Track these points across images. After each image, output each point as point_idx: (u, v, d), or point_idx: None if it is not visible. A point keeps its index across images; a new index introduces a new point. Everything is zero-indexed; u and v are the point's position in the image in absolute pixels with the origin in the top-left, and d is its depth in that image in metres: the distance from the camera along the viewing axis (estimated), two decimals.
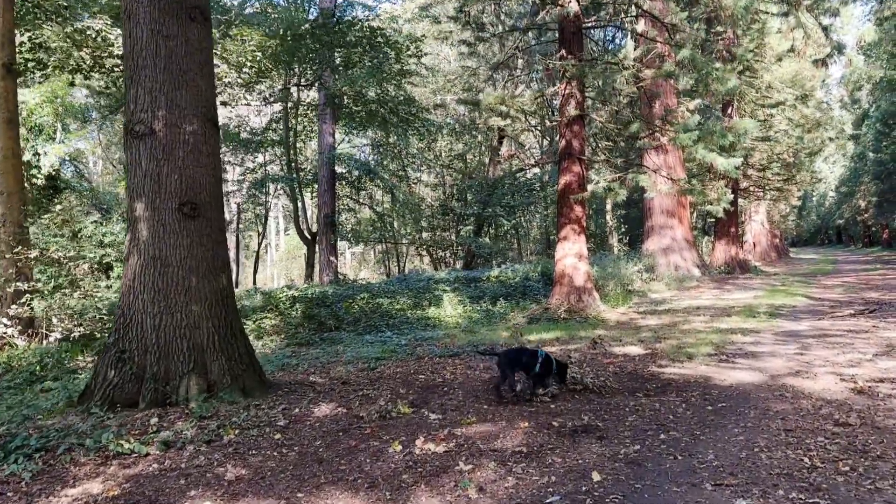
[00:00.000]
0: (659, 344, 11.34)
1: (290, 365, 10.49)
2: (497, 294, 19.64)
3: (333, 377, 8.86)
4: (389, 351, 11.72)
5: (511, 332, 14.15)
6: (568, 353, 10.77)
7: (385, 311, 16.92)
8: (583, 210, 16.98)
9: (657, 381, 8.25)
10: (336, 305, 17.10)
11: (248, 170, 30.43)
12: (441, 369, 9.55)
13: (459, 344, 12.63)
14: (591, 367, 9.36)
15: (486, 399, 7.38)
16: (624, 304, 18.31)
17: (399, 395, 7.55)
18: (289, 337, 14.59)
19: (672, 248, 25.79)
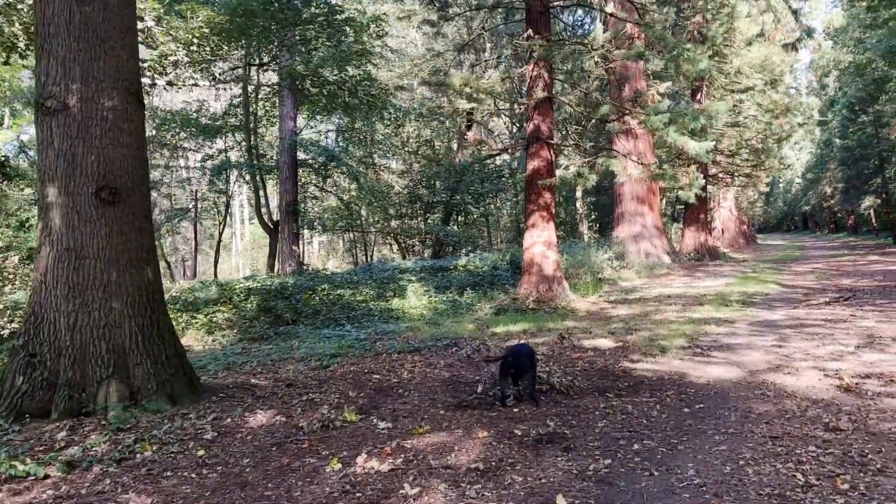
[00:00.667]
0: (630, 336, 10.76)
1: (236, 364, 9.72)
2: (464, 284, 18.97)
3: (279, 378, 8.12)
4: (346, 346, 11.00)
5: (477, 325, 13.50)
6: (535, 347, 10.14)
7: (346, 303, 16.17)
8: (552, 196, 16.35)
9: (629, 379, 7.64)
10: (295, 297, 16.29)
11: (207, 156, 29.35)
12: (399, 367, 8.86)
13: (422, 338, 11.95)
14: (559, 363, 8.73)
15: (445, 403, 6.70)
16: (594, 293, 17.75)
17: (348, 400, 6.84)
18: (242, 331, 13.78)
19: (642, 236, 25.34)
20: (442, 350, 10.31)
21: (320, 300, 16.31)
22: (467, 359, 9.24)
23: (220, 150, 29.82)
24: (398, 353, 10.18)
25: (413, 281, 19.34)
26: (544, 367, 8.18)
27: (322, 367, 9.14)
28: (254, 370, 9.12)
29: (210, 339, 13.28)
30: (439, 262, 22.46)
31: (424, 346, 10.56)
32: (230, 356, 10.51)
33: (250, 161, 26.79)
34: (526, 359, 6.78)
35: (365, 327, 13.73)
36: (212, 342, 13.05)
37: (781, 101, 34.81)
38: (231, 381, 7.89)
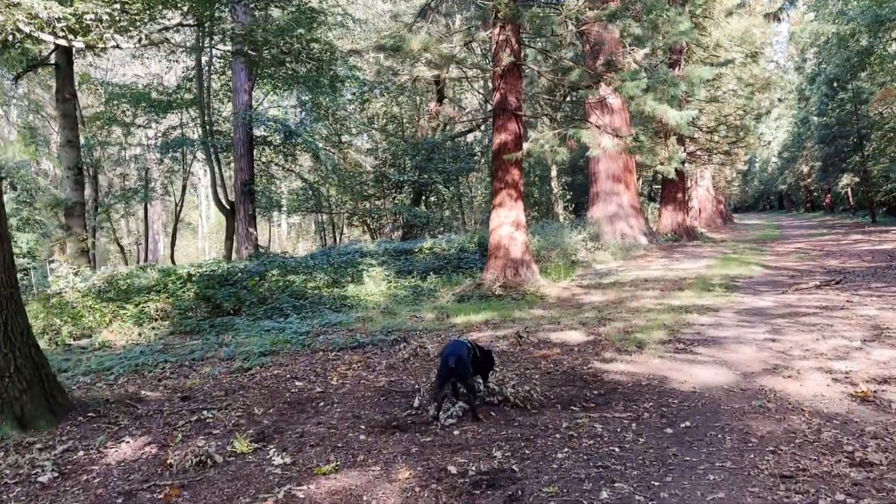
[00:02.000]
0: (603, 328, 9.50)
1: (146, 365, 8.32)
2: (428, 268, 17.64)
3: (178, 388, 6.73)
4: (283, 342, 9.64)
5: (437, 314, 12.18)
6: (495, 340, 8.85)
7: (297, 291, 14.77)
8: (520, 173, 15.03)
9: (600, 386, 6.36)
10: (241, 284, 14.87)
11: (159, 133, 27.62)
12: (331, 370, 7.52)
13: (371, 330, 10.62)
14: (519, 364, 7.44)
15: (370, 422, 5.38)
16: (567, 278, 16.50)
17: (250, 419, 5.49)
18: (175, 323, 12.35)
19: (618, 216, 24.14)
20: (388, 347, 8.99)
21: (269, 287, 14.89)
22: (409, 359, 7.92)
23: (173, 126, 28.10)
24: (338, 351, 8.85)
25: (374, 265, 17.97)
26: (500, 370, 6.88)
27: (242, 370, 7.78)
28: (161, 375, 7.74)
29: (137, 332, 11.84)
30: (403, 244, 21.11)
31: (369, 342, 9.24)
32: (145, 355, 9.10)
33: (204, 137, 25.17)
34: (467, 360, 5.48)
35: (313, 317, 12.36)
36: (138, 336, 11.61)
37: (761, 74, 33.71)
38: (118, 392, 6.48)
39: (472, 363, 5.69)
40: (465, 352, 5.62)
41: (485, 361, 5.94)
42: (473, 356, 5.72)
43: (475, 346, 5.88)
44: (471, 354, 5.66)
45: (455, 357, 5.39)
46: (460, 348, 5.63)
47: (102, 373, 8.08)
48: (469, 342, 5.86)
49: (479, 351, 5.89)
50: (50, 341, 10.88)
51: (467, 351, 5.64)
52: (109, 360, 8.92)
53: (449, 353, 5.55)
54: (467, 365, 5.46)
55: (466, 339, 5.98)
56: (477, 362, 5.76)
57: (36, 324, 11.25)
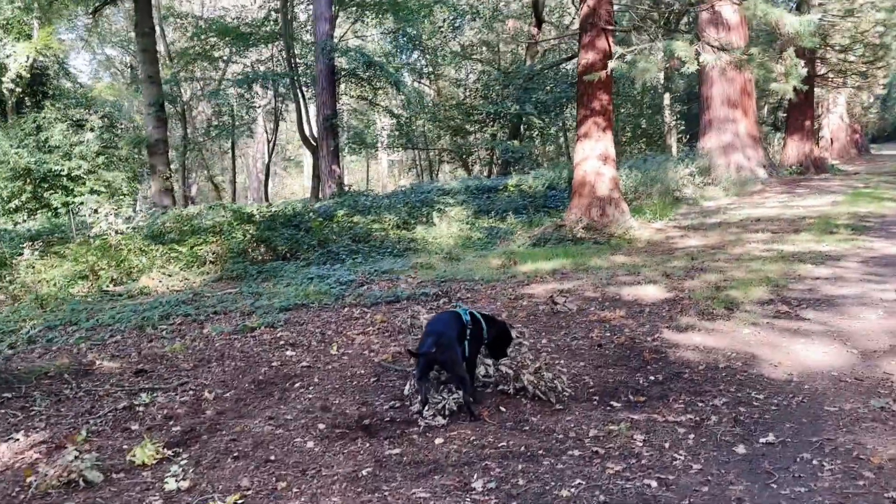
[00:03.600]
0: (690, 281, 7.85)
1: (150, 320, 7.44)
2: (512, 207, 16.14)
3: (148, 356, 5.73)
4: (318, 293, 8.58)
5: (503, 261, 10.80)
6: (557, 295, 7.41)
7: (361, 233, 13.68)
8: (608, 98, 13.17)
9: (660, 368, 4.86)
10: (304, 226, 13.94)
11: (246, 67, 26.97)
12: (342, 333, 6.36)
13: (421, 280, 9.41)
14: (568, 330, 6.01)
15: (338, 416, 4.16)
16: (664, 217, 14.62)
17: (194, 407, 4.40)
18: (224, 268, 11.55)
19: (733, 146, 21.59)
20: (428, 301, 7.75)
21: (333, 230, 13.87)
22: None
23: (260, 59, 27.42)
24: (369, 307, 7.71)
25: (452, 204, 16.65)
26: (541, 338, 5.48)
27: (247, 329, 6.75)
28: (156, 334, 6.81)
29: (183, 276, 11.11)
30: (488, 181, 19.63)
31: (409, 296, 8.01)
32: (164, 306, 8.26)
33: (289, 70, 24.32)
34: (454, 341, 4.11)
35: (365, 264, 11.25)
36: (182, 282, 10.87)
37: None
38: (67, 363, 5.50)
39: (474, 341, 4.33)
40: (455, 327, 4.27)
41: (497, 338, 4.56)
42: (474, 332, 4.36)
43: (482, 318, 4.51)
44: (468, 330, 4.30)
45: (435, 337, 4.06)
46: (445, 324, 4.30)
47: (104, 328, 7.25)
48: (470, 312, 4.49)
49: (488, 323, 4.52)
50: (91, 287, 10.27)
51: (460, 326, 4.29)
52: (126, 311, 8.13)
53: (430, 330, 4.21)
54: (453, 347, 4.11)
55: (466, 308, 4.60)
56: (477, 339, 4.40)
57: (77, 267, 10.70)
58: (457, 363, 4.10)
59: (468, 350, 4.32)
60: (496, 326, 4.59)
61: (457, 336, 4.23)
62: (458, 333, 4.25)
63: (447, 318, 4.63)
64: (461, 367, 4.12)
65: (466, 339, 4.33)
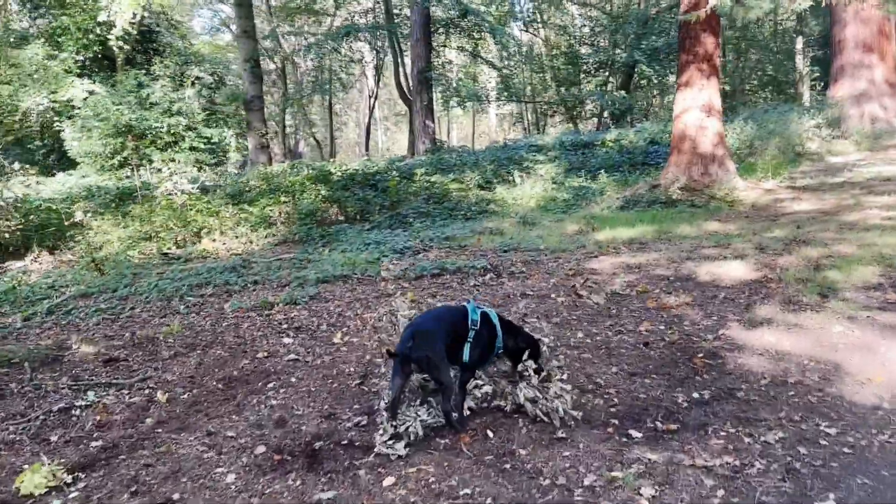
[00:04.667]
0: (786, 257, 6.61)
1: (179, 291, 7.02)
2: (608, 164, 14.91)
3: (138, 338, 5.22)
4: (366, 262, 7.92)
5: (582, 226, 9.80)
6: (616, 273, 6.42)
7: (438, 193, 12.94)
8: (714, 41, 11.69)
9: (709, 382, 3.86)
10: (380, 186, 13.34)
11: (345, 20, 26.48)
12: (356, 318, 5.66)
13: (479, 250, 8.58)
14: (616, 320, 5.05)
15: (287, 436, 3.46)
16: (778, 175, 12.96)
17: (139, 413, 3.80)
18: (289, 231, 11.13)
19: (868, 95, 19.11)
20: (475, 276, 6.92)
21: (410, 189, 13.18)
22: None
23: (358, 12, 26.86)
24: (409, 280, 6.98)
25: (542, 161, 15.58)
26: (565, 335, 4.56)
27: (266, 306, 6.20)
28: (169, 309, 6.35)
29: (246, 239, 10.77)
30: (583, 137, 18.29)
31: (455, 269, 7.20)
32: (202, 275, 7.86)
33: (386, 22, 23.65)
34: (436, 339, 3.34)
35: (432, 228, 10.51)
36: (244, 244, 10.53)
37: None
38: (45, 345, 5.05)
39: (479, 345, 3.52)
40: (447, 324, 3.48)
41: (518, 350, 3.70)
42: (481, 335, 3.57)
43: (499, 322, 3.68)
44: (472, 331, 3.51)
45: (412, 334, 3.27)
46: (432, 319, 3.56)
47: (134, 298, 6.91)
48: (483, 311, 3.67)
49: (506, 330, 3.70)
50: (152, 249, 10.09)
51: (457, 323, 3.52)
52: (168, 278, 7.78)
53: (415, 327, 3.41)
54: (432, 344, 3.32)
55: (477, 306, 3.72)
56: (484, 344, 3.61)
57: (143, 228, 10.56)
58: (436, 364, 3.30)
59: (467, 354, 3.49)
60: (518, 337, 3.76)
61: (448, 334, 3.42)
62: (452, 331, 3.45)
63: (440, 312, 3.83)
64: (442, 370, 3.31)
65: (468, 341, 3.50)
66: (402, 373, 3.32)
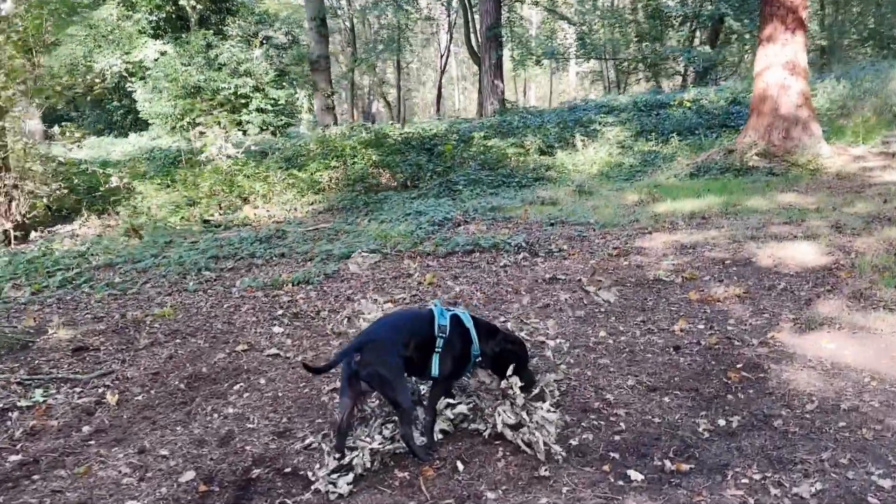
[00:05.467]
0: (865, 237, 5.76)
1: (196, 264, 6.71)
2: (682, 127, 13.87)
3: (123, 322, 4.89)
4: (400, 236, 7.43)
5: (643, 196, 9.03)
6: (667, 253, 5.75)
7: (494, 158, 12.29)
8: None
9: (744, 402, 3.23)
10: (435, 150, 12.78)
11: None
12: (376, 295, 5.17)
13: (528, 221, 8.03)
14: (647, 315, 4.40)
15: (225, 458, 2.99)
16: (870, 140, 11.71)
17: (67, 423, 3.37)
18: (337, 197, 10.74)
19: None
20: (511, 253, 6.35)
21: (465, 154, 12.55)
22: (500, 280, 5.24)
23: None
24: (443, 256, 6.47)
25: (611, 124, 14.64)
26: (584, 332, 3.97)
27: (274, 286, 5.82)
28: (181, 283, 6.04)
29: (291, 205, 10.46)
30: (657, 97, 17.14)
31: (490, 246, 6.64)
32: (238, 244, 7.56)
33: None
34: (387, 352, 2.84)
35: (481, 197, 9.92)
36: (288, 212, 10.22)
37: None
38: (23, 327, 4.77)
39: (450, 355, 3.01)
40: (405, 332, 2.96)
41: (501, 357, 3.13)
42: (451, 342, 3.02)
43: (474, 325, 3.13)
44: (440, 339, 2.98)
45: (359, 345, 2.79)
46: (386, 327, 3.03)
47: (152, 271, 6.67)
48: (455, 314, 3.13)
49: (483, 334, 3.15)
50: (193, 215, 9.89)
51: (419, 331, 2.99)
52: (195, 249, 7.52)
53: (364, 336, 2.89)
54: (383, 359, 2.80)
55: (445, 309, 3.16)
56: (457, 354, 3.05)
57: (188, 193, 10.37)
58: (389, 382, 2.78)
59: (436, 367, 2.96)
60: (500, 342, 3.16)
61: (408, 344, 2.89)
62: (414, 340, 2.92)
63: (399, 317, 3.26)
64: (398, 389, 2.79)
65: (436, 351, 2.96)
66: (349, 392, 2.81)
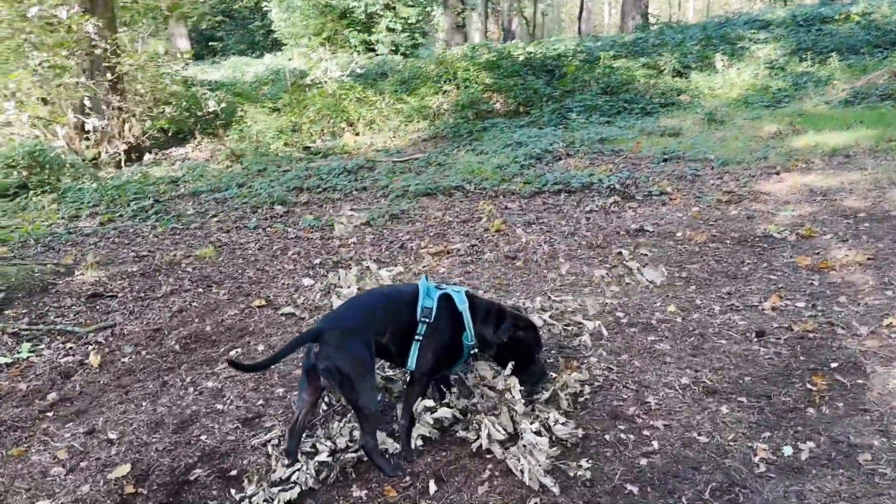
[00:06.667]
0: None
1: (273, 198, 6.46)
2: (844, 45, 12.07)
3: (156, 263, 4.70)
4: (489, 171, 6.88)
5: (781, 127, 7.90)
6: (633, 246, 4.89)
7: (619, 81, 11.23)
8: None
9: (829, 418, 2.50)
10: (557, 72, 11.84)
11: None
12: (436, 242, 4.72)
13: (639, 154, 7.17)
14: (735, 286, 3.67)
15: (171, 451, 2.63)
16: None
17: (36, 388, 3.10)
18: (443, 124, 10.21)
19: None
20: (601, 195, 5.65)
21: (591, 76, 11.52)
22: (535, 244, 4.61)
23: None
24: (527, 197, 5.90)
25: (761, 41, 12.98)
26: (640, 311, 3.33)
27: (318, 227, 5.48)
28: (242, 224, 5.77)
29: (394, 133, 10.06)
30: (820, 9, 14.98)
31: (581, 185, 5.95)
32: (325, 175, 7.30)
33: None
34: (351, 344, 2.30)
35: (595, 125, 9.04)
36: (390, 140, 9.84)
37: None
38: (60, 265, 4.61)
39: (438, 342, 2.47)
40: (379, 318, 2.43)
41: (510, 346, 2.55)
42: (438, 327, 2.47)
43: (470, 304, 2.55)
44: (423, 324, 2.45)
45: (319, 332, 2.30)
46: (352, 309, 2.49)
47: (229, 202, 6.53)
48: (446, 293, 2.56)
49: (479, 314, 2.55)
50: (295, 142, 9.72)
51: (394, 314, 2.47)
52: (279, 180, 7.33)
53: (325, 322, 2.39)
54: (344, 352, 2.27)
55: (434, 285, 2.59)
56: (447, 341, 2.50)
57: (291, 118, 10.18)
58: (350, 380, 2.26)
59: (414, 358, 2.44)
60: (506, 327, 2.53)
61: (382, 331, 2.40)
62: (388, 326, 2.41)
63: (373, 297, 2.68)
64: (360, 389, 2.27)
65: (417, 339, 2.45)
66: (308, 387, 2.36)
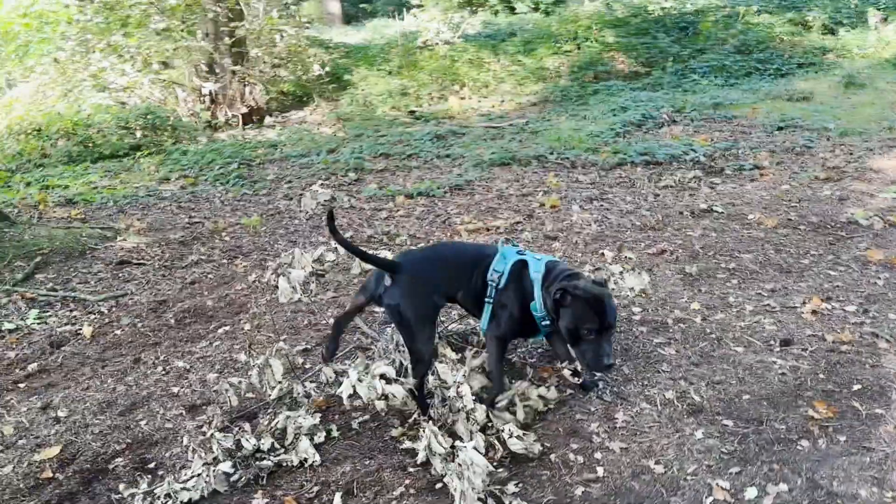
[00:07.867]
0: None
1: (336, 167, 6.40)
2: None
3: (200, 231, 4.75)
4: (580, 139, 6.55)
5: None
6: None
7: (753, 39, 10.29)
8: None
9: (825, 451, 2.14)
10: (690, 29, 11.01)
11: None
12: (487, 215, 4.56)
13: (754, 122, 6.59)
14: (795, 279, 3.30)
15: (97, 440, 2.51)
16: None
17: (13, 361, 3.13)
18: (555, 87, 9.81)
19: None
20: (688, 168, 5.32)
21: (726, 34, 10.60)
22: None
23: None
24: (608, 169, 5.58)
25: None
26: (665, 306, 3.05)
27: (390, 195, 5.31)
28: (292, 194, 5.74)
29: (502, 97, 9.77)
30: None
31: (668, 157, 5.57)
32: (418, 141, 7.19)
33: None
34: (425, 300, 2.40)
35: (717, 89, 8.36)
36: (499, 104, 9.57)
37: None
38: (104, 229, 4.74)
39: (507, 312, 2.41)
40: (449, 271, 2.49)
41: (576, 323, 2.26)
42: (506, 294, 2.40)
43: (545, 267, 2.40)
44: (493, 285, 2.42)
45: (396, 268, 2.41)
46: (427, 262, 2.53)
47: (310, 168, 6.53)
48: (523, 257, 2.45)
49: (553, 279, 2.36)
50: (401, 105, 9.67)
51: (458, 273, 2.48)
52: (358, 148, 7.17)
53: (403, 261, 2.45)
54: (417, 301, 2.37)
55: (518, 249, 2.51)
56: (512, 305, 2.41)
57: (401, 81, 10.10)
58: (409, 326, 2.31)
59: (486, 320, 2.39)
60: (554, 291, 2.28)
61: (455, 284, 2.45)
62: (458, 282, 2.45)
63: (451, 252, 2.68)
64: (415, 335, 2.31)
65: (487, 301, 2.38)
66: (363, 297, 2.51)
